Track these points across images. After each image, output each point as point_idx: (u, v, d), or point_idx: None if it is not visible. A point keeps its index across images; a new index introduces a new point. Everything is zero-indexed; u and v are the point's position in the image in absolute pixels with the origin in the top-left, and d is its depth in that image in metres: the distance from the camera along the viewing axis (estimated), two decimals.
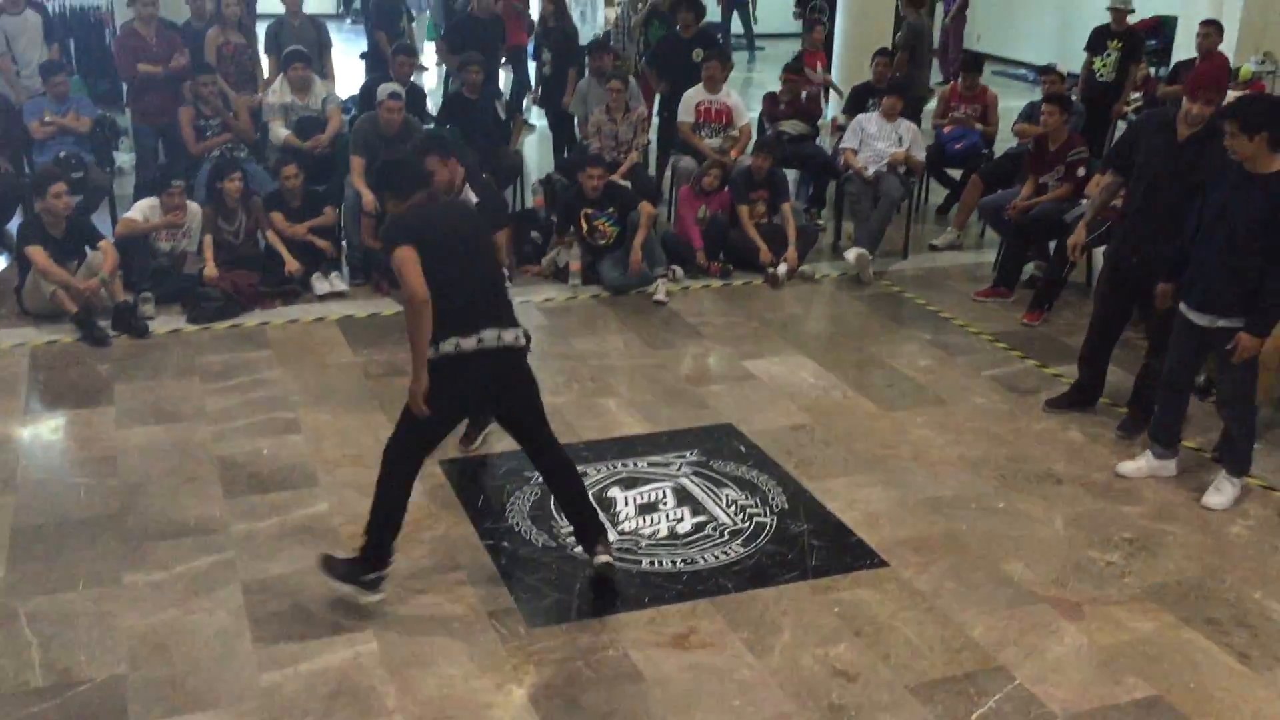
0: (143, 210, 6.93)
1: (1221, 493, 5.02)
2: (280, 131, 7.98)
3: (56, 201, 6.53)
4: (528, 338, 4.30)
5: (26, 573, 4.27)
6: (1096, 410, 5.85)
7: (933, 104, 10.18)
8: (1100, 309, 5.74)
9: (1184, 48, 11.22)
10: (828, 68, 10.94)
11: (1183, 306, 4.98)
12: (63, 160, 7.74)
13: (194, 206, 7.09)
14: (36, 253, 6.44)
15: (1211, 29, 9.82)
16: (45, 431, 5.47)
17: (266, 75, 8.91)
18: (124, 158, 9.54)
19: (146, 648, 3.87)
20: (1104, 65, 9.99)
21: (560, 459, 4.30)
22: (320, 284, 7.24)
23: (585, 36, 11.57)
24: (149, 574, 4.29)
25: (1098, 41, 10.07)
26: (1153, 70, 12.74)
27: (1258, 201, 4.64)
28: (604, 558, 4.20)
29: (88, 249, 6.68)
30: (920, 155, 8.39)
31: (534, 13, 11.58)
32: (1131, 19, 10.25)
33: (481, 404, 4.41)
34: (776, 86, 9.67)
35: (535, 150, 10.93)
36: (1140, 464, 5.25)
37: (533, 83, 10.83)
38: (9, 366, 6.10)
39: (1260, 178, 4.64)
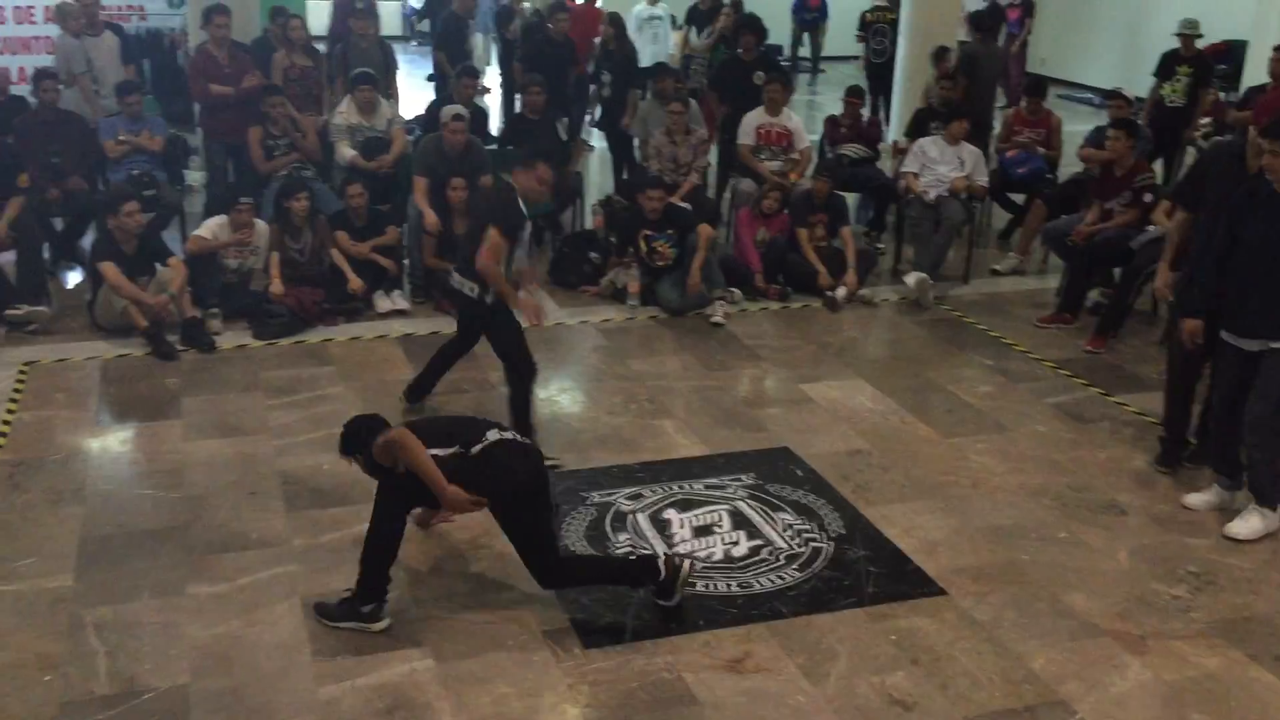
0: (212, 228, 7.08)
1: (1246, 521, 4.90)
2: (346, 152, 8.11)
3: (129, 219, 6.69)
4: None
5: (94, 582, 4.36)
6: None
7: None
8: (1178, 353, 5.29)
9: (1254, 72, 11.03)
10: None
11: (1226, 335, 4.89)
12: (135, 178, 7.93)
13: (261, 224, 7.23)
14: (109, 269, 6.60)
15: None
16: (114, 443, 5.59)
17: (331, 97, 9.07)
18: (194, 176, 9.75)
19: (209, 658, 3.94)
20: (1174, 90, 9.86)
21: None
22: (382, 302, 7.34)
23: (651, 59, 11.65)
24: (212, 585, 4.36)
25: (1167, 67, 9.95)
26: (1222, 94, 12.53)
27: None
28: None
29: (158, 265, 6.84)
30: (983, 179, 8.33)
31: None
32: (1200, 43, 10.11)
33: None
34: (838, 109, 9.65)
35: (595, 172, 11.01)
36: (1207, 497, 5.14)
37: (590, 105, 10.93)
38: (81, 379, 6.24)
39: None
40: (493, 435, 4.20)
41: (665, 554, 4.39)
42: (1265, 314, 4.74)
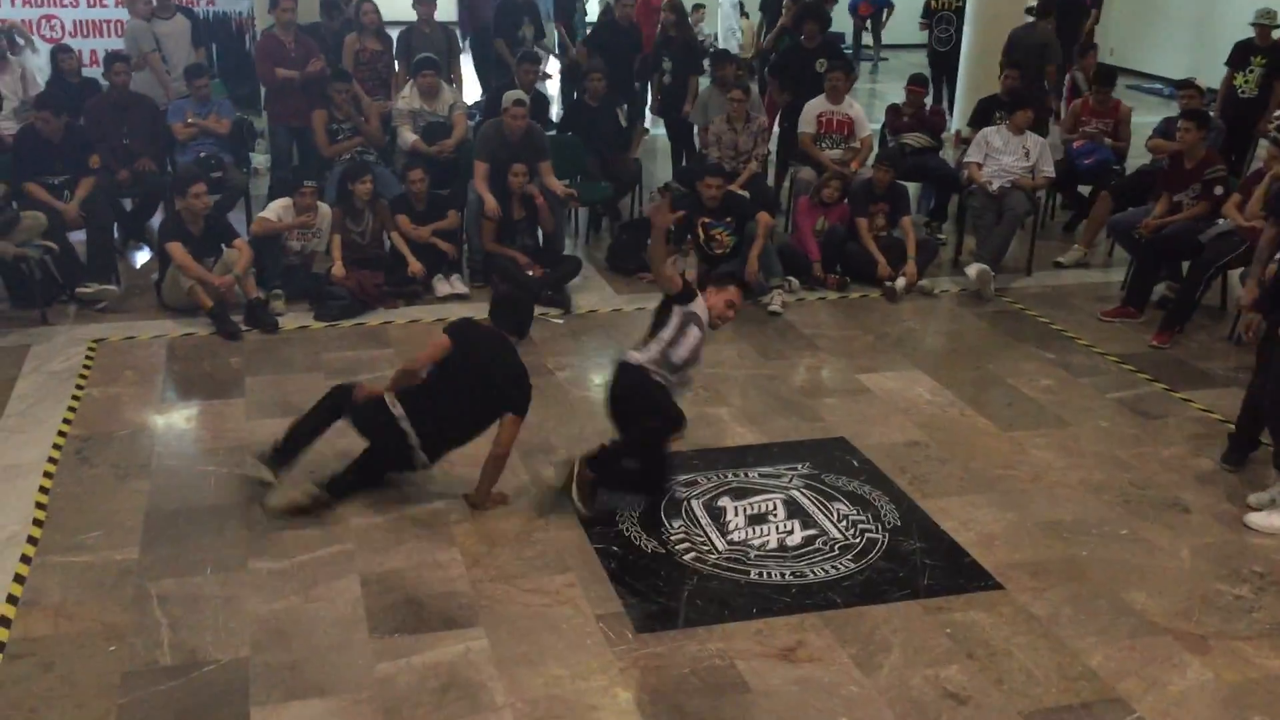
0: (276, 210, 7.18)
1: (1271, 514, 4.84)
2: (408, 136, 8.18)
3: (196, 201, 6.80)
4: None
5: (159, 556, 4.46)
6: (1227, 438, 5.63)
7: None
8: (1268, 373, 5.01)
9: None
10: None
11: None
12: (203, 160, 8.07)
13: (325, 208, 7.31)
14: (176, 249, 6.73)
15: None
16: (179, 421, 5.70)
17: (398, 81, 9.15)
18: (260, 159, 9.90)
19: (268, 633, 4.01)
20: (1246, 81, 9.63)
21: None
22: (441, 285, 7.40)
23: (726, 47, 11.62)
24: (273, 562, 4.43)
25: (1240, 57, 9.71)
26: None
27: None
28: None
29: (224, 246, 6.96)
30: (1049, 169, 8.20)
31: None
32: (1277, 34, 9.86)
33: None
34: (900, 98, 9.55)
35: (654, 159, 10.99)
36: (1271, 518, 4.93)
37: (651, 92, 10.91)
38: (148, 357, 6.37)
39: None
40: None
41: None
42: None
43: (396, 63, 9.27)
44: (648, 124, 11.39)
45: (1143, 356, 6.73)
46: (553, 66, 12.02)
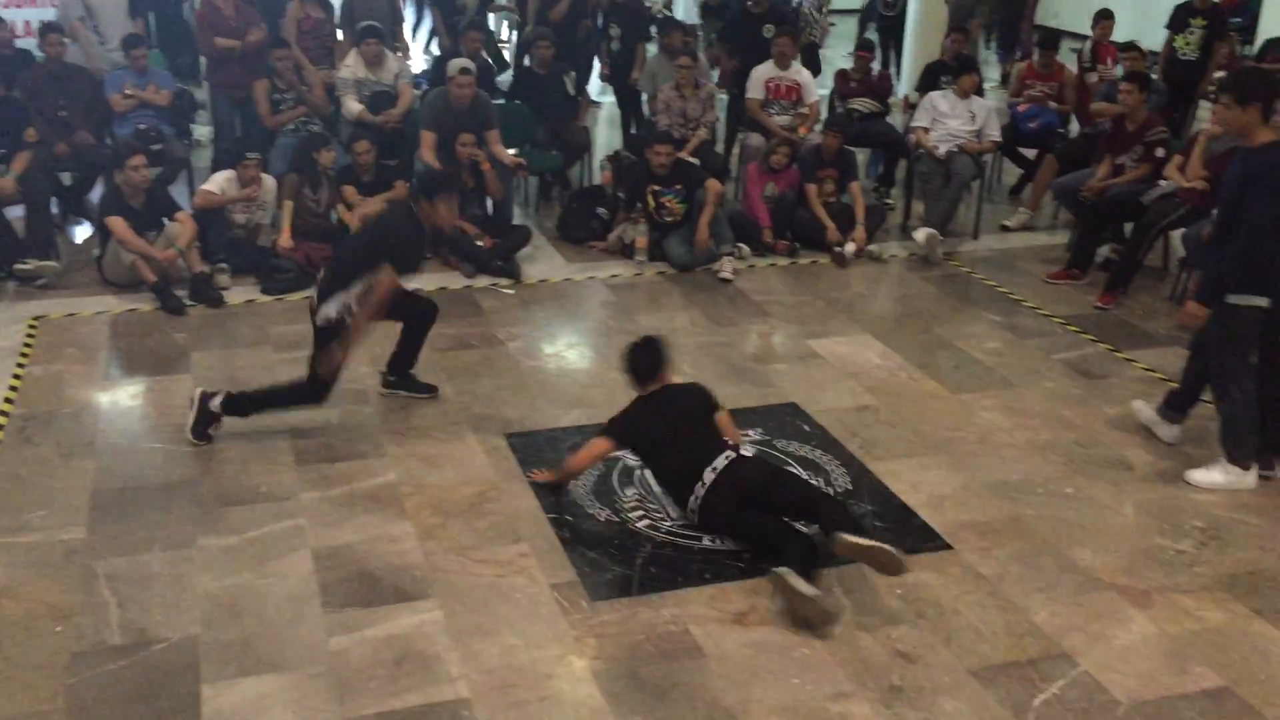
0: (219, 183, 7.06)
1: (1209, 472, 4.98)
2: (354, 106, 8.07)
3: (135, 174, 6.67)
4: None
5: (106, 534, 4.41)
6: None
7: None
8: (1262, 365, 4.90)
9: (1271, 24, 10.89)
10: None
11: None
12: (142, 133, 7.91)
13: (269, 180, 7.21)
14: (117, 223, 6.61)
15: None
16: (124, 398, 5.62)
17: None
18: (202, 131, 9.72)
19: (219, 610, 3.98)
20: (1187, 43, 9.74)
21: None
22: None
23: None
24: (222, 538, 4.40)
25: (1180, 19, 9.82)
26: (1239, 48, 12.39)
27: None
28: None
29: (166, 220, 6.84)
30: (995, 133, 8.26)
31: None
32: None
33: None
34: (848, 63, 9.56)
35: (603, 127, 10.94)
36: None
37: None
38: (90, 334, 6.27)
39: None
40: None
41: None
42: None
43: (340, 31, 9.12)
44: (596, 93, 11.33)
45: (1087, 318, 6.82)
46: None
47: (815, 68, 9.76)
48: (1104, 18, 9.91)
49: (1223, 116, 4.77)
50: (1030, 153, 9.08)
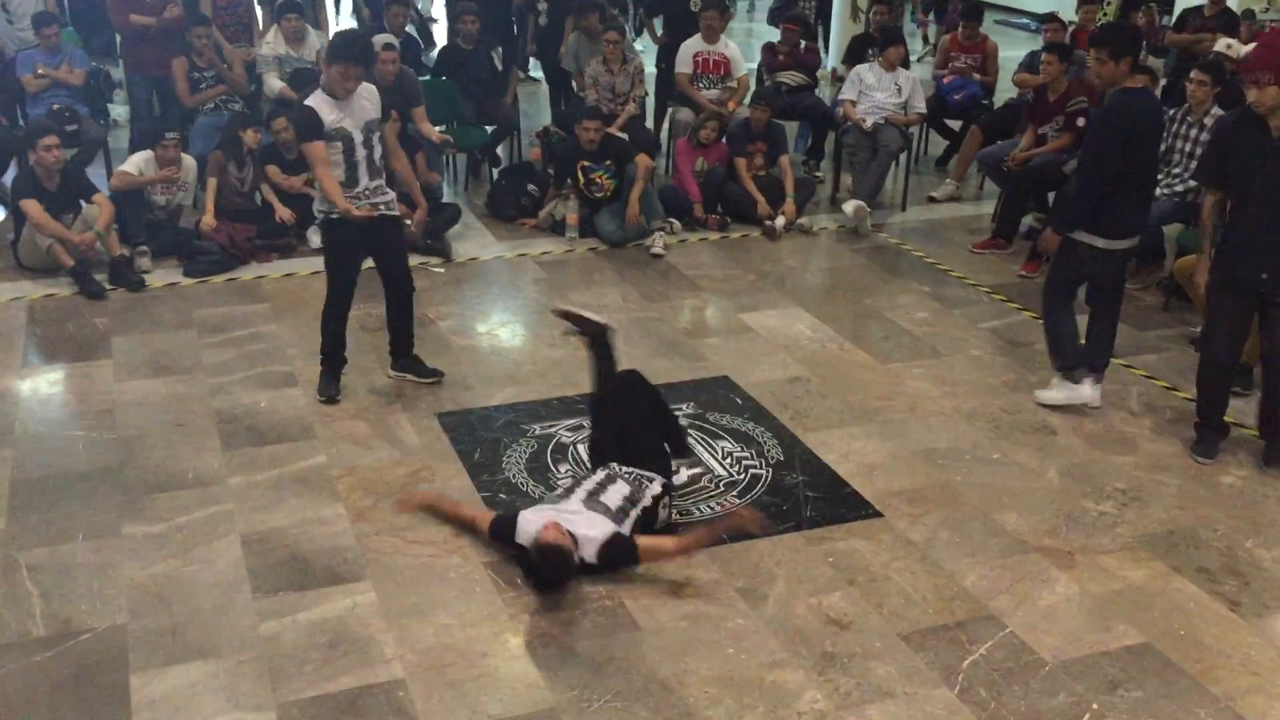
0: (138, 163, 6.89)
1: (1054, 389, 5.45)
2: (275, 83, 7.93)
3: (48, 154, 6.49)
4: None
5: (27, 525, 4.31)
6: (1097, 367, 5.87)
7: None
8: (1220, 340, 4.95)
9: None
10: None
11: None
12: (56, 113, 7.71)
13: (189, 160, 7.06)
14: (31, 206, 6.43)
15: None
16: (43, 385, 5.49)
17: (261, 27, 8.84)
18: (118, 110, 9.49)
19: (146, 598, 3.91)
20: (1104, 14, 9.90)
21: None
22: (315, 237, 7.20)
23: None
24: (148, 526, 4.32)
25: None
26: (1159, 18, 12.63)
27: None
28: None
29: (83, 202, 6.66)
30: (920, 105, 8.34)
31: None
32: None
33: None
34: (775, 37, 9.58)
35: (531, 102, 10.86)
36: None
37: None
38: (6, 320, 6.10)
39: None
40: None
41: None
42: None
43: (259, 7, 8.93)
44: (528, 69, 11.23)
45: (1012, 286, 6.94)
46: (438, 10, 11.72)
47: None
48: None
49: (1097, 71, 5.04)
50: (955, 124, 9.19)
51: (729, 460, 4.90)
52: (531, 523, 4.03)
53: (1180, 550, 4.35)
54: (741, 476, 4.78)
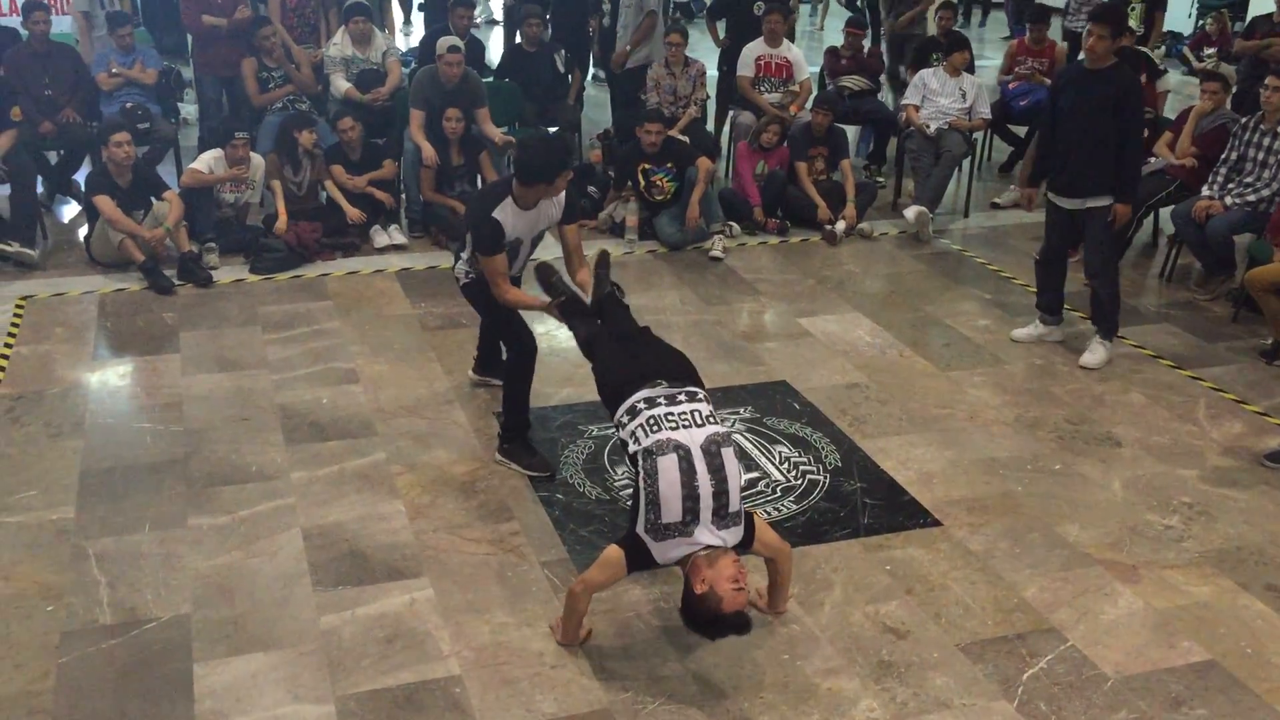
0: (207, 162, 7.02)
1: (1094, 353, 5.87)
2: (341, 84, 8.03)
3: (118, 150, 6.62)
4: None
5: (95, 514, 4.40)
6: (1158, 371, 5.77)
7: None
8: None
9: (1261, 2, 10.89)
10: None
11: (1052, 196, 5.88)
12: (129, 111, 7.87)
13: (257, 158, 7.17)
14: (104, 202, 6.57)
15: None
16: (113, 378, 5.60)
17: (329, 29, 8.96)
18: (188, 109, 9.66)
19: (210, 589, 3.98)
20: (1132, 10, 9.80)
21: None
22: (379, 237, 7.31)
23: None
24: (212, 518, 4.39)
25: None
26: (1230, 24, 12.40)
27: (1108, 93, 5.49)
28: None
29: (153, 199, 6.80)
30: (985, 110, 8.25)
31: None
32: None
33: None
34: (839, 40, 9.53)
35: (594, 105, 10.89)
36: (1029, 330, 6.13)
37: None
38: (78, 314, 6.24)
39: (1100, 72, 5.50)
40: None
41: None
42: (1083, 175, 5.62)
43: (326, 9, 9.05)
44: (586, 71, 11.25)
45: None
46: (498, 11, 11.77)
47: None
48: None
49: (1098, 47, 5.43)
50: (1020, 130, 9.07)
51: (786, 465, 4.88)
52: (701, 562, 3.46)
53: (1248, 566, 4.25)
54: (799, 482, 4.75)
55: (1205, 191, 6.69)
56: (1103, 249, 5.83)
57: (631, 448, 3.58)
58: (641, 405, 3.62)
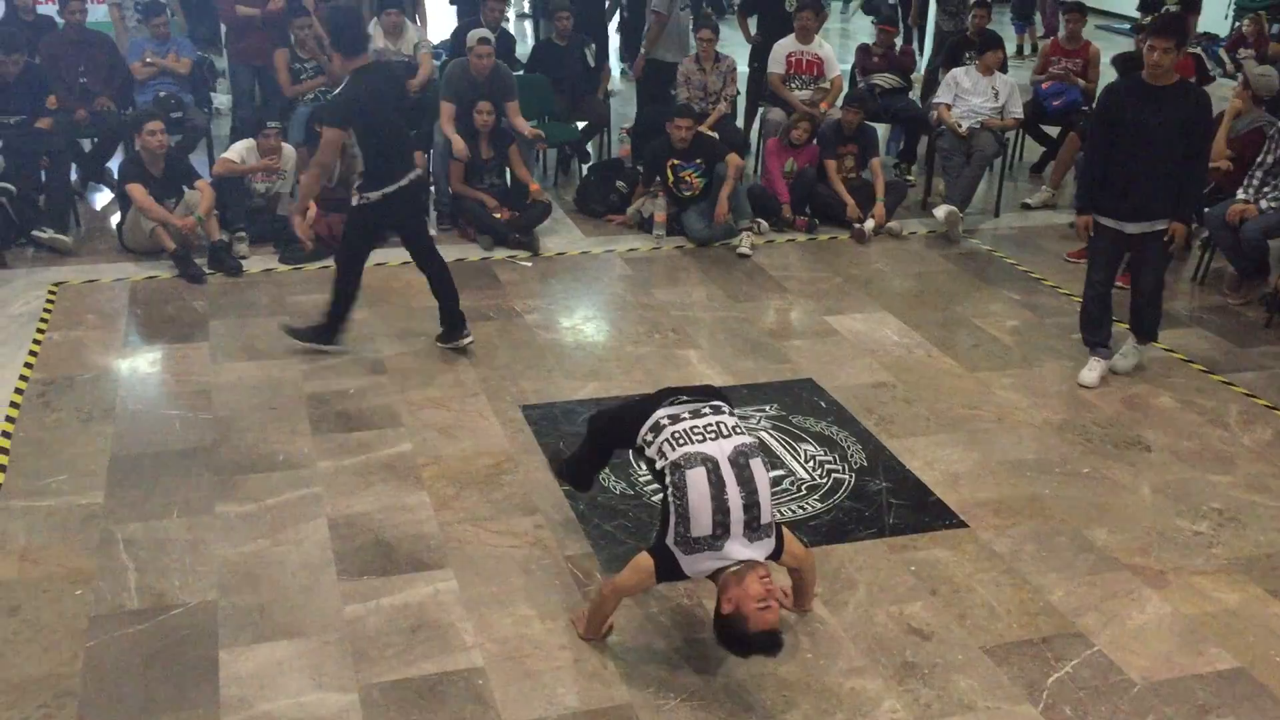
0: (239, 151, 7.06)
1: (1127, 358, 5.77)
2: None
3: (151, 139, 6.67)
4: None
5: (124, 500, 4.44)
6: (1190, 375, 5.71)
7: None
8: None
9: None
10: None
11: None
12: (162, 100, 7.92)
13: (289, 149, 7.21)
14: (137, 190, 6.62)
15: None
16: (143, 365, 5.65)
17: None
18: (221, 99, 9.72)
19: (236, 576, 4.01)
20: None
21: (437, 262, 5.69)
22: None
23: None
24: (240, 505, 4.42)
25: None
26: (1268, 25, 12.26)
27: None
28: (468, 339, 5.70)
29: (185, 188, 6.85)
30: (1017, 110, 8.19)
31: None
32: None
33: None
34: (870, 38, 9.48)
35: (623, 100, 10.89)
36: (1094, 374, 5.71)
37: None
38: (110, 301, 6.29)
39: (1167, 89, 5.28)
40: None
41: None
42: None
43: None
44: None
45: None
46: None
47: None
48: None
49: (1164, 62, 5.19)
50: (1053, 130, 9.00)
51: (811, 463, 4.86)
52: (732, 578, 3.41)
53: (1278, 574, 4.21)
54: (824, 480, 4.74)
55: (1240, 194, 6.62)
56: (1159, 271, 5.62)
57: (659, 464, 3.54)
58: (665, 421, 3.58)
